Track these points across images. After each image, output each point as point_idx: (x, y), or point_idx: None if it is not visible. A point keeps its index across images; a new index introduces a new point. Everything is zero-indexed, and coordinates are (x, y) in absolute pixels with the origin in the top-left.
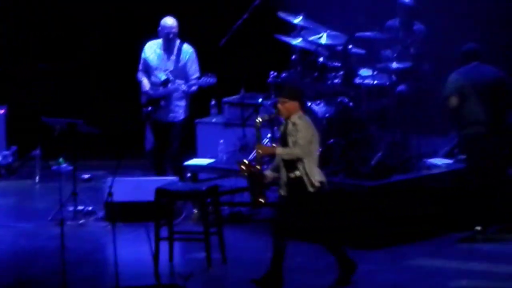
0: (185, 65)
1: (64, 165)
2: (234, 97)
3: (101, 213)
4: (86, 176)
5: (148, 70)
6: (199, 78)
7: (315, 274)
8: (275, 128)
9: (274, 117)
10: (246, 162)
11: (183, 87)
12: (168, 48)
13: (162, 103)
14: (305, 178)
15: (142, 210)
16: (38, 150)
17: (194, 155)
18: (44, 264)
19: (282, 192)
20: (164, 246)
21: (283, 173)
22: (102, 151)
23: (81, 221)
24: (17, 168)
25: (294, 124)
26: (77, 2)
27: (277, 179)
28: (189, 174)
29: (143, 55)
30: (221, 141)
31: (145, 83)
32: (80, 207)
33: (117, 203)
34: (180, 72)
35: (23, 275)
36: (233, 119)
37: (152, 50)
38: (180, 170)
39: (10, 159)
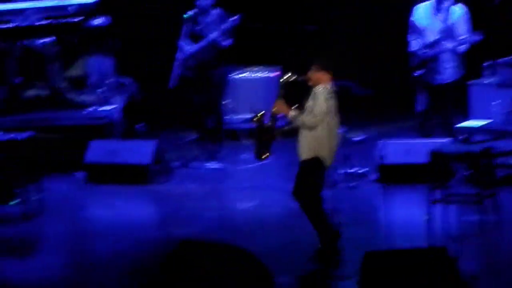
0: (453, 25)
1: None
2: (508, 58)
3: (373, 175)
4: (358, 138)
5: (418, 32)
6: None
7: None
8: None
9: (300, 80)
10: (259, 115)
11: (450, 45)
12: (438, 9)
13: (431, 64)
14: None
15: (415, 172)
16: None
17: (466, 117)
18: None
19: None
20: (437, 209)
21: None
22: (373, 113)
23: (353, 183)
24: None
25: (315, 94)
26: None
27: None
28: (460, 137)
29: (412, 18)
30: (495, 102)
31: (414, 43)
32: (352, 170)
33: (389, 165)
34: (449, 32)
35: (293, 236)
36: (507, 80)
37: (421, 11)
38: (452, 132)
39: (282, 122)
